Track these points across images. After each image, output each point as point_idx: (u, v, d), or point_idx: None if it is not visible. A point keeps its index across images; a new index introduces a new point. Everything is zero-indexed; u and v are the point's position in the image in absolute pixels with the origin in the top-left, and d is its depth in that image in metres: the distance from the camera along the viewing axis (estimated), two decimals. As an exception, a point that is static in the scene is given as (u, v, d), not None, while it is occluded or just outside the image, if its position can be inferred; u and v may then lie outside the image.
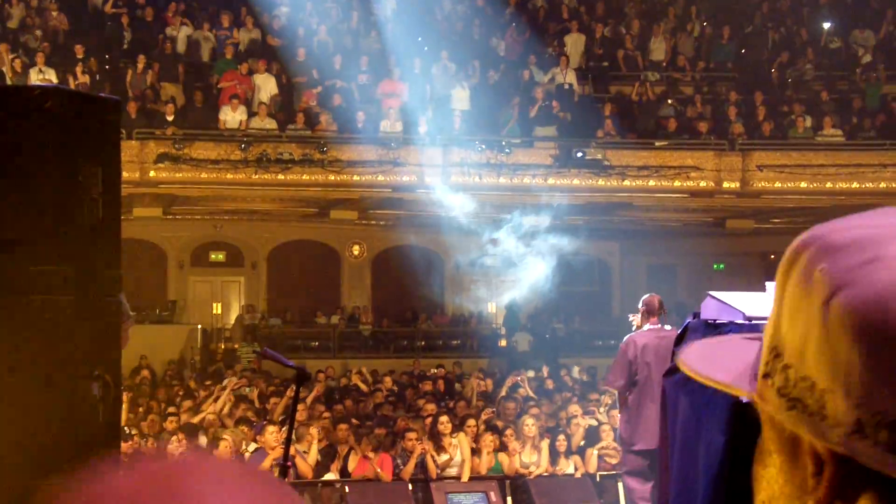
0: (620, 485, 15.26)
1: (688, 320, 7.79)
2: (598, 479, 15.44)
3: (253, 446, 14.80)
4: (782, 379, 1.22)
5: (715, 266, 33.71)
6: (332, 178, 24.55)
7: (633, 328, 12.16)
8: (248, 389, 19.16)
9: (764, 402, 1.26)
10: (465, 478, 14.98)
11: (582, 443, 15.73)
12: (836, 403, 1.16)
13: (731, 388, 1.33)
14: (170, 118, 24.29)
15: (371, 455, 14.71)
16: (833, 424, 1.16)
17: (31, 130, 4.56)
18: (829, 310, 1.17)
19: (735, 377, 1.32)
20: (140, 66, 25.10)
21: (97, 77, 24.46)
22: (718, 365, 1.37)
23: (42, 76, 23.34)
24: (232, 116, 24.60)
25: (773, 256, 32.35)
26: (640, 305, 12.11)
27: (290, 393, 14.47)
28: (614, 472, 15.39)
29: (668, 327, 11.89)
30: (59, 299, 4.54)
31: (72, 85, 23.46)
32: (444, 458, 15.15)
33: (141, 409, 17.10)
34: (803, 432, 1.20)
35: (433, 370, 24.06)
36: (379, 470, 14.56)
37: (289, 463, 6.95)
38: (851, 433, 1.14)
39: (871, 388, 1.13)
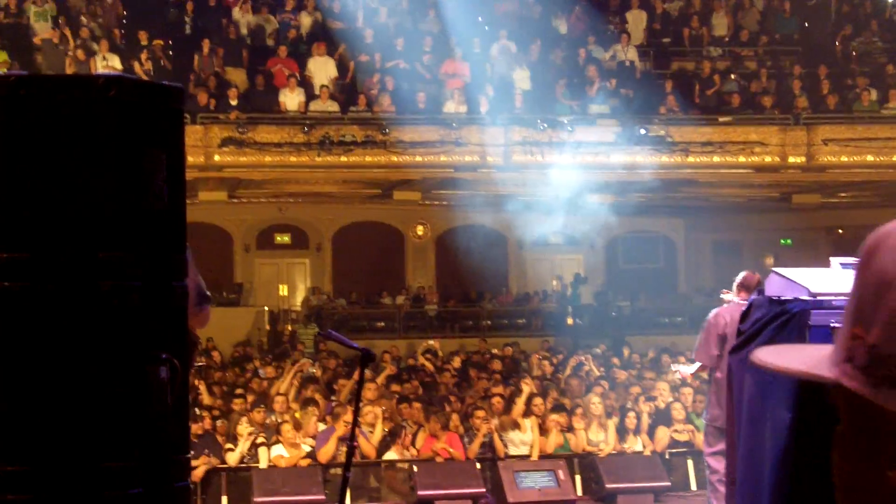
0: (690, 463, 15.24)
1: (752, 297, 7.76)
2: (666, 456, 15.41)
3: (321, 426, 14.92)
4: (867, 359, 1.28)
5: (782, 241, 33.44)
6: (394, 159, 24.61)
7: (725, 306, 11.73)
8: (313, 370, 19.27)
9: (850, 380, 1.31)
10: (534, 457, 15.01)
11: (650, 421, 15.69)
12: None
13: (810, 375, 1.37)
14: (233, 102, 24.43)
15: (438, 434, 14.77)
16: None
17: (97, 119, 4.61)
18: None
19: (812, 365, 1.37)
20: (204, 50, 25.25)
21: (161, 63, 24.64)
22: (793, 358, 1.41)
23: (106, 63, 23.53)
24: (290, 98, 24.70)
25: (840, 231, 32.08)
26: (737, 280, 11.68)
27: (357, 375, 14.63)
28: (684, 451, 15.36)
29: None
30: (127, 285, 4.59)
31: (137, 71, 23.64)
32: (511, 436, 15.19)
33: (210, 392, 17.25)
34: (892, 405, 1.26)
35: (496, 350, 24.06)
36: (451, 449, 14.62)
37: (355, 443, 6.99)
38: None
39: None
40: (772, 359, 1.44)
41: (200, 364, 19.77)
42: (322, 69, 25.46)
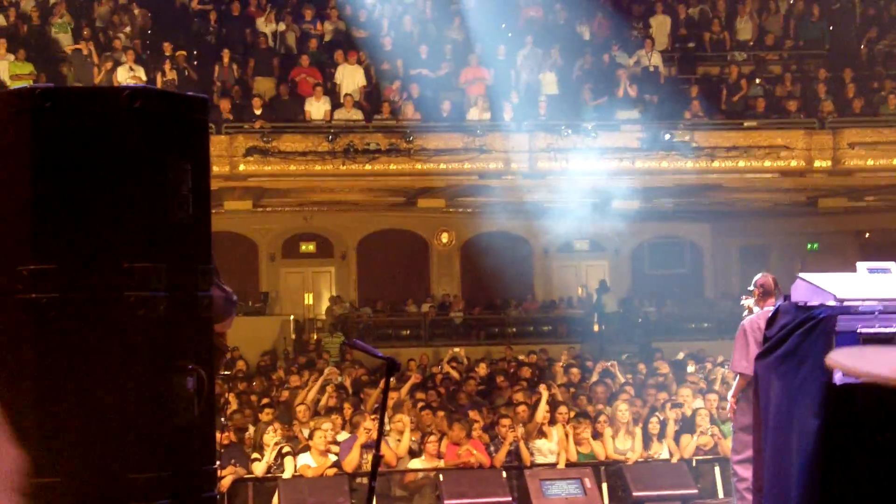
0: (717, 470, 15.18)
1: (779, 303, 7.73)
2: (693, 464, 15.35)
3: (344, 435, 14.92)
4: None
5: (809, 246, 33.32)
6: (418, 166, 24.62)
7: (745, 312, 11.51)
8: (339, 378, 19.27)
9: None
10: (560, 465, 14.97)
11: (677, 428, 15.62)
12: None
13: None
14: (257, 112, 24.49)
15: (464, 442, 14.75)
16: None
17: (122, 130, 4.63)
18: None
19: None
20: (225, 60, 25.33)
21: (186, 73, 24.72)
22: (876, 363, 1.40)
23: (131, 74, 23.62)
24: (316, 107, 24.75)
25: (867, 235, 31.96)
26: (753, 287, 11.41)
27: (382, 384, 14.64)
28: (710, 458, 15.30)
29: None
30: (153, 295, 4.61)
31: (160, 82, 23.72)
32: (537, 444, 15.16)
33: (236, 401, 17.27)
34: None
35: (522, 357, 24.05)
36: (476, 451, 14.60)
37: (381, 453, 6.99)
38: None
39: None
40: (852, 362, 1.43)
41: (226, 373, 19.82)
42: (350, 77, 25.51)
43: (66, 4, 25.81)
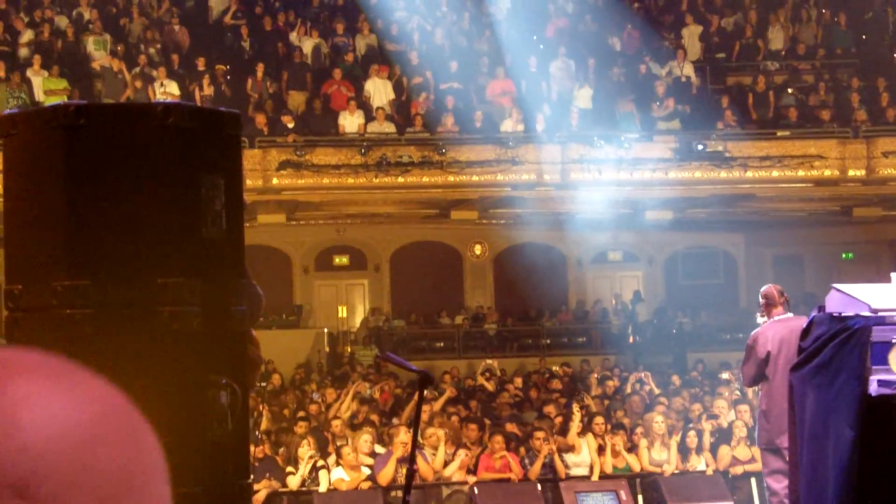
0: (753, 481, 15.10)
1: (813, 314, 7.70)
2: (729, 476, 15.27)
3: (379, 449, 14.93)
4: None
5: (843, 255, 33.15)
6: (451, 178, 24.65)
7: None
8: (369, 391, 19.29)
9: None
10: (594, 477, 14.93)
11: (713, 439, 15.56)
12: None
13: None
14: (290, 125, 24.57)
15: (498, 455, 14.73)
16: None
17: (155, 146, 4.66)
18: None
19: None
20: (258, 75, 25.43)
21: (220, 88, 24.83)
22: None
23: (164, 90, 23.74)
24: (350, 121, 24.82)
25: (902, 244, 31.76)
26: (760, 299, 11.56)
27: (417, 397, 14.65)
28: (747, 470, 15.22)
29: (789, 315, 11.28)
30: (187, 310, 4.63)
31: (197, 97, 23.84)
32: (572, 457, 15.12)
33: (271, 414, 17.31)
34: None
35: (555, 368, 24.02)
36: (511, 459, 14.58)
37: (415, 466, 7.00)
38: None
39: None
40: None
41: (260, 385, 19.86)
42: (380, 91, 25.58)
43: (100, 21, 25.99)
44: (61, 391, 1.00)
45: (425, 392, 7.89)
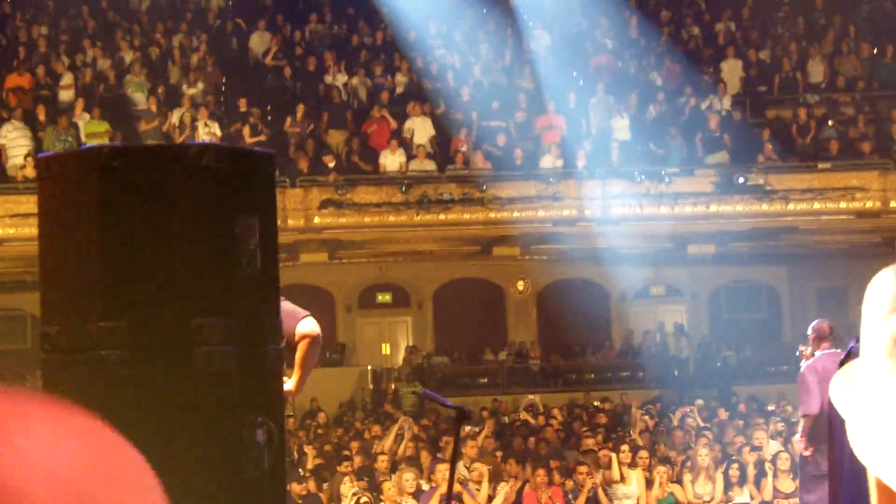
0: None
1: (851, 345, 7.66)
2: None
3: (424, 485, 14.91)
4: None
5: (888, 287, 32.85)
6: (492, 215, 24.68)
7: (802, 361, 11.73)
8: (407, 428, 19.28)
9: None
10: (640, 510, 14.88)
11: (756, 471, 15.48)
12: None
13: None
14: (331, 164, 24.68)
15: (543, 489, 14.70)
16: None
17: (190, 187, 4.70)
18: None
19: None
20: (298, 115, 25.57)
21: (260, 128, 24.99)
22: None
23: (207, 130, 23.92)
24: (391, 160, 24.92)
25: (947, 275, 31.44)
26: (809, 332, 11.74)
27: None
28: (790, 501, 15.12)
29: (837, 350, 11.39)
30: (222, 350, 4.66)
31: (246, 136, 23.99)
32: (616, 490, 15.07)
33: (315, 452, 17.33)
34: None
35: (598, 403, 23.95)
36: (557, 501, 14.54)
37: (454, 502, 6.99)
38: None
39: None
40: None
41: (289, 415, 19.83)
42: (421, 129, 25.68)
43: (141, 63, 26.24)
44: (57, 434, 0.99)
45: (466, 427, 7.89)
